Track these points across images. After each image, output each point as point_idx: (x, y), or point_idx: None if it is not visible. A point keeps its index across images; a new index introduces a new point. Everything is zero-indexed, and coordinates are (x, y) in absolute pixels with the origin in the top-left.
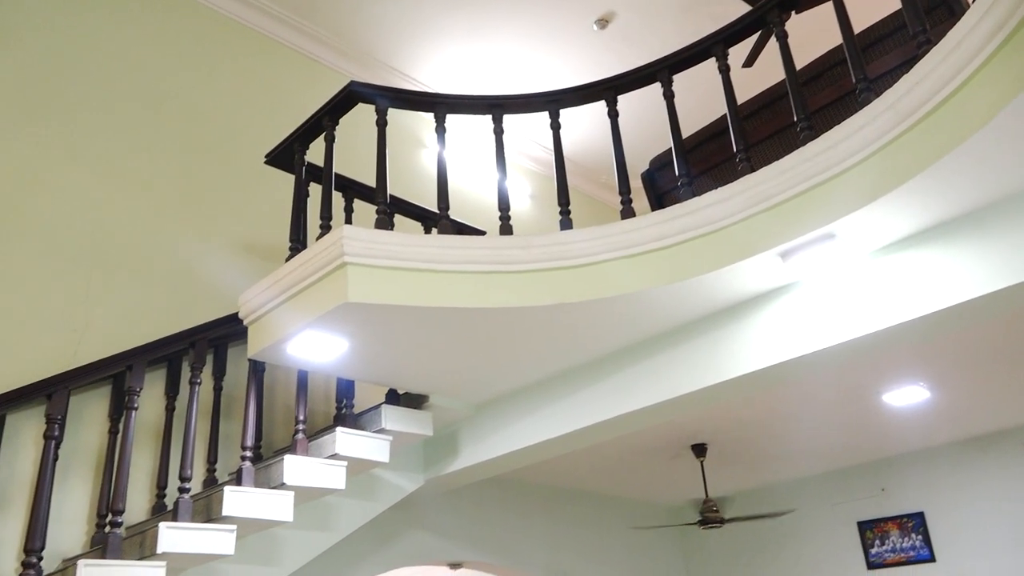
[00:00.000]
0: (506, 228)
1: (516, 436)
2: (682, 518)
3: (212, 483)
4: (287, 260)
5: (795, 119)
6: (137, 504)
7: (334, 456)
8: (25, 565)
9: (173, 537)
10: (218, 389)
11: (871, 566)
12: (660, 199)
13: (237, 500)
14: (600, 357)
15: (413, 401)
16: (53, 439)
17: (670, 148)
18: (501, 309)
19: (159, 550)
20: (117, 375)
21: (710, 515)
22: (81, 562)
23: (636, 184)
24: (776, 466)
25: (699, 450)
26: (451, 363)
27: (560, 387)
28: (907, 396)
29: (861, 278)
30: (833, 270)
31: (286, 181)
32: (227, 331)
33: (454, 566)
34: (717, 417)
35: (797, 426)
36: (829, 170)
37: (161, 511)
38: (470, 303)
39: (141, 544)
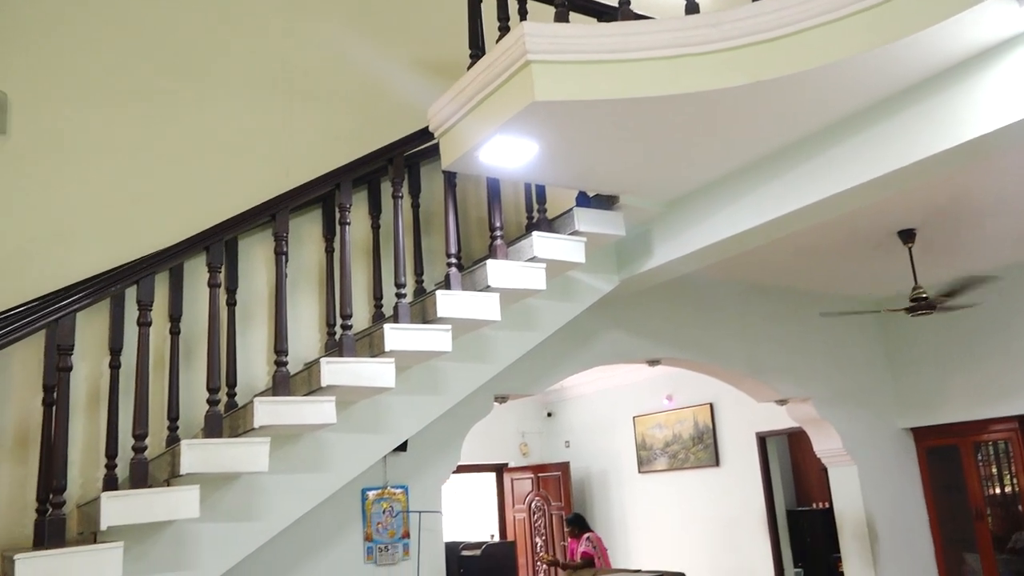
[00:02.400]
0: (692, 7)
1: (710, 231)
2: (886, 307)
3: (421, 293)
4: (469, 68)
5: None
6: (358, 314)
7: (532, 259)
8: (278, 364)
9: (397, 336)
10: (415, 206)
11: None
12: None
13: (449, 302)
14: (800, 139)
15: (604, 202)
16: (283, 255)
17: None
18: (693, 95)
19: (387, 348)
20: (325, 196)
21: (919, 301)
22: (323, 360)
23: None
24: (994, 251)
25: (907, 236)
26: (642, 158)
27: (756, 176)
28: None
29: None
30: None
31: None
32: (420, 146)
33: (652, 363)
34: (928, 198)
35: (1022, 204)
36: None
37: (380, 319)
38: (659, 91)
39: (370, 345)
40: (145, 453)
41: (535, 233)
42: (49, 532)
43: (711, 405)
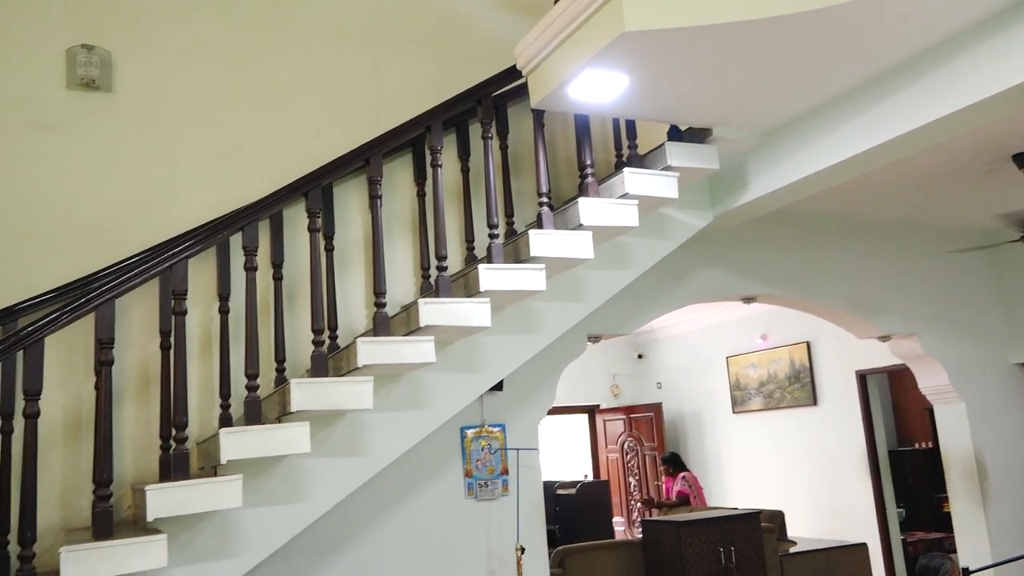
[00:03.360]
0: None
1: (809, 161)
2: (997, 238)
3: (512, 235)
4: (556, 1)
5: None
6: (450, 258)
7: (624, 196)
8: (377, 305)
9: (492, 276)
10: (504, 148)
11: None
12: None
13: (542, 241)
14: (909, 57)
15: (697, 136)
16: (377, 198)
17: None
18: (793, 16)
19: (482, 288)
20: (415, 141)
21: None
22: (421, 301)
23: None
24: None
25: (1023, 160)
26: (738, 87)
27: (859, 100)
28: None
29: None
30: None
31: None
32: (507, 86)
33: (747, 300)
34: None
35: None
36: None
37: (473, 261)
38: (756, 14)
39: (465, 286)
40: (257, 392)
41: (626, 169)
42: (174, 465)
43: (808, 343)
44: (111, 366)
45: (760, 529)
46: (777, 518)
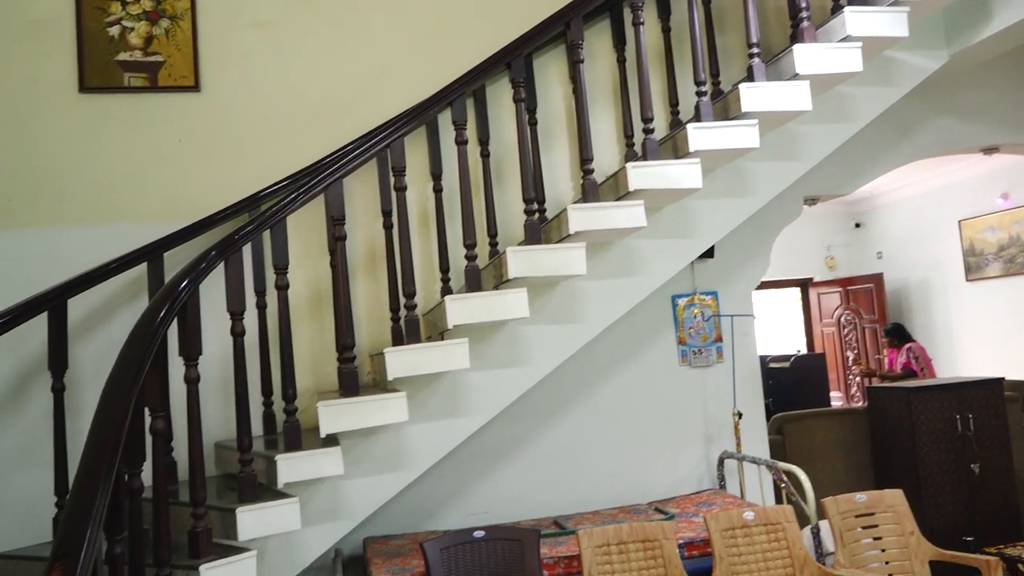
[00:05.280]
0: None
1: None
2: None
3: (718, 95)
4: None
5: None
6: (656, 123)
7: (845, 39)
8: (585, 172)
9: (701, 136)
10: (706, 2)
11: None
12: None
13: (754, 95)
14: None
15: None
16: (580, 62)
17: None
18: None
19: (691, 148)
20: (613, 4)
21: None
22: (629, 165)
23: None
24: None
25: None
26: None
27: None
28: None
29: None
30: None
31: None
32: None
33: (988, 151)
34: None
35: None
36: None
37: (678, 127)
38: None
39: (674, 148)
40: (476, 261)
41: (847, 8)
42: (407, 331)
43: None
44: (344, 241)
45: (1003, 397)
46: (1021, 387)
